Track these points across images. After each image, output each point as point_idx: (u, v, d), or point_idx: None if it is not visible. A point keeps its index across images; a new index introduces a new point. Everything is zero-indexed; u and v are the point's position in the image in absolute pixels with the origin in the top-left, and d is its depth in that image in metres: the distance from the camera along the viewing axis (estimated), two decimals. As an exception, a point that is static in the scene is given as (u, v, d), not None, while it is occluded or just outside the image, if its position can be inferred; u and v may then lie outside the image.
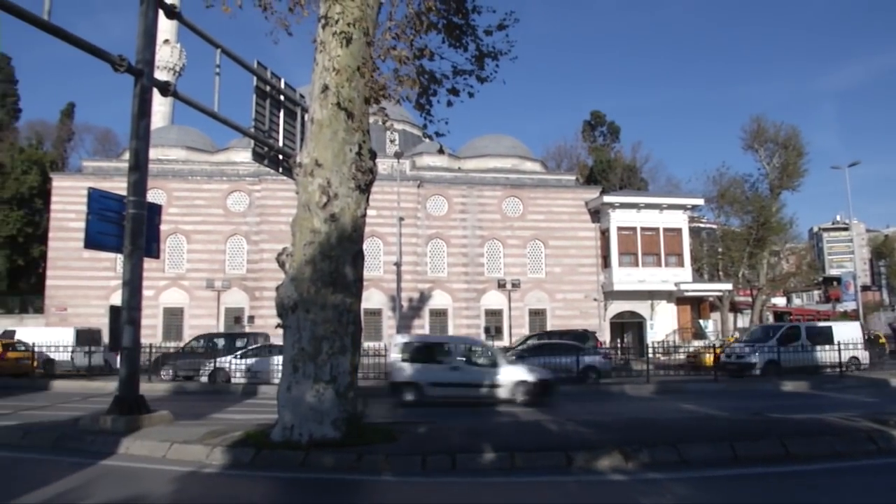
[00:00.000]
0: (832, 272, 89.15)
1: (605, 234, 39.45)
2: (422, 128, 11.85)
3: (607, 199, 39.49)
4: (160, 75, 46.25)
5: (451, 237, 39.34)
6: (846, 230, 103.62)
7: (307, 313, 9.40)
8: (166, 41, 58.06)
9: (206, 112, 13.23)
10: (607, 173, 54.56)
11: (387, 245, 37.21)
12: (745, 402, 17.66)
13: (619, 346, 36.38)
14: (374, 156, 10.34)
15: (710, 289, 42.25)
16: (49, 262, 36.66)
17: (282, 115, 14.96)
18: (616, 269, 38.41)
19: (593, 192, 41.76)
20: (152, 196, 18.25)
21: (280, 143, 14.82)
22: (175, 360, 25.37)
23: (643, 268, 38.57)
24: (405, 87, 10.02)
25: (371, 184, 10.25)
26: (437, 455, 8.66)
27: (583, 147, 64.69)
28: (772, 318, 48.79)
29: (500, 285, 38.51)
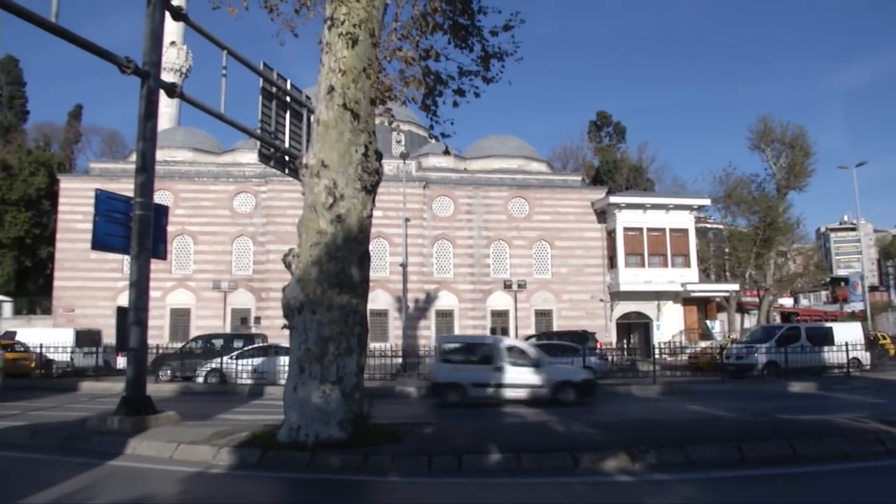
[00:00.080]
0: (840, 273, 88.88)
1: (611, 234, 39.39)
2: (428, 129, 11.87)
3: (613, 199, 39.43)
4: (167, 77, 46.47)
5: (457, 238, 39.33)
6: (854, 230, 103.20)
7: (313, 314, 9.41)
8: (173, 43, 58.26)
9: (213, 113, 13.28)
10: (613, 174, 54.48)
11: (393, 246, 37.24)
12: (752, 403, 17.62)
13: (625, 346, 36.33)
14: (379, 157, 10.34)
15: (716, 289, 42.14)
16: (56, 263, 36.83)
17: (288, 116, 15.00)
18: (622, 269, 38.35)
19: (599, 193, 41.69)
20: (159, 197, 18.31)
21: (286, 145, 14.85)
22: (173, 361, 25.51)
23: (649, 268, 38.49)
24: (411, 87, 10.01)
25: (377, 185, 10.25)
26: (444, 456, 8.66)
27: (589, 147, 64.68)
28: (779, 318, 48.62)
29: (507, 286, 38.48)
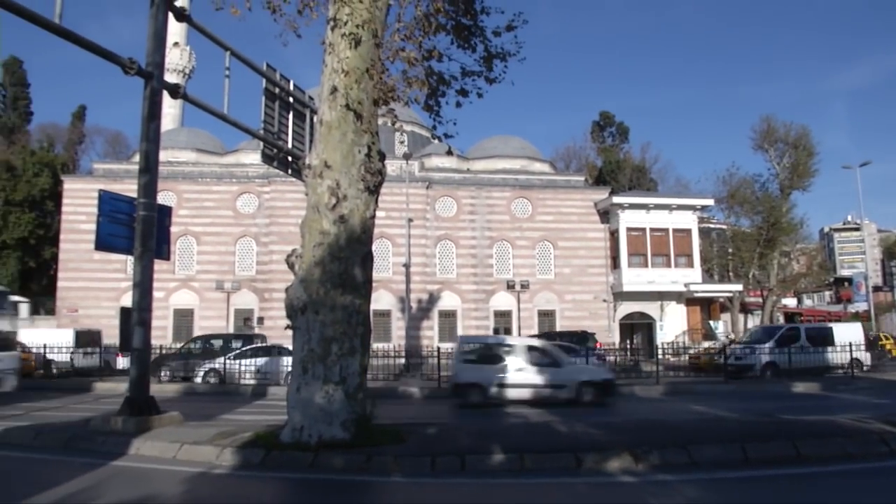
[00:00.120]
0: (843, 273, 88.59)
1: (614, 234, 39.34)
2: (431, 129, 11.87)
3: (616, 199, 39.37)
4: (170, 78, 46.62)
5: (460, 238, 39.32)
6: (857, 230, 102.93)
7: (316, 314, 9.42)
8: (176, 44, 58.37)
9: (216, 114, 13.31)
10: (616, 174, 54.39)
11: (396, 246, 37.24)
12: (755, 403, 17.60)
13: (628, 347, 36.28)
14: (382, 157, 10.35)
15: (720, 290, 42.06)
16: (60, 263, 36.89)
17: (291, 116, 15.02)
18: (625, 269, 38.29)
19: (602, 193, 41.65)
20: (162, 198, 18.35)
21: (289, 145, 14.87)
22: (172, 362, 25.59)
23: (653, 269, 38.42)
24: (414, 88, 10.01)
25: (380, 185, 10.27)
26: (447, 456, 8.66)
27: (592, 148, 64.57)
28: (782, 318, 48.50)
29: (510, 286, 38.46)
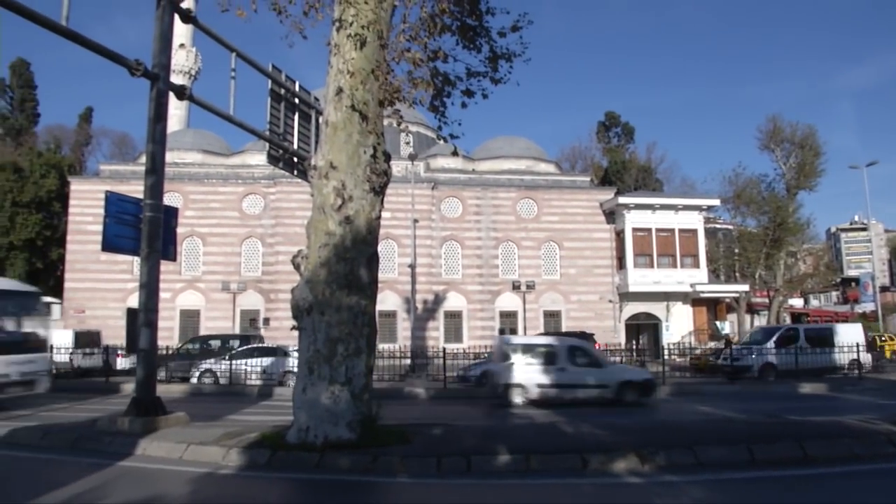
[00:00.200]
0: (850, 273, 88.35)
1: (619, 235, 39.29)
2: (436, 130, 11.86)
3: (622, 200, 39.33)
4: (176, 79, 46.70)
5: (466, 239, 39.33)
6: (864, 230, 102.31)
7: (322, 315, 9.43)
8: (182, 45, 58.60)
9: (222, 115, 13.34)
10: (622, 174, 54.28)
11: (401, 247, 37.27)
12: (762, 404, 17.54)
13: (634, 347, 36.19)
14: (388, 158, 10.36)
15: (726, 290, 41.93)
16: (67, 264, 37.07)
17: (296, 117, 15.05)
18: (631, 270, 38.25)
19: (608, 193, 41.59)
20: (169, 199, 18.35)
21: (295, 146, 14.91)
22: (170, 362, 25.65)
23: (658, 269, 38.37)
24: (419, 89, 10.02)
25: (386, 186, 10.27)
26: (453, 457, 8.66)
27: (597, 148, 64.52)
28: (789, 319, 48.32)
29: (515, 287, 38.43)
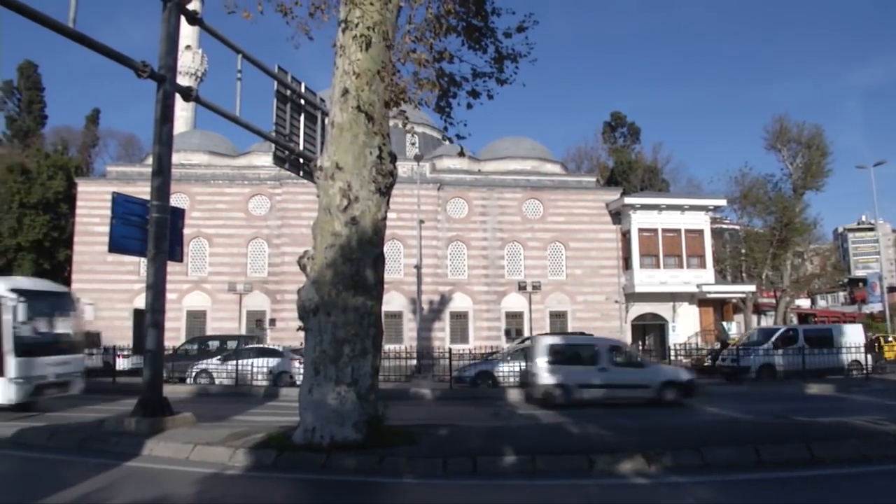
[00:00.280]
0: (858, 273, 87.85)
1: (626, 235, 39.19)
2: (442, 130, 11.91)
3: (628, 200, 39.20)
4: (182, 81, 46.69)
5: (472, 240, 39.29)
6: (872, 230, 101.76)
7: (328, 316, 9.44)
8: (188, 47, 58.66)
9: (228, 116, 13.38)
10: (628, 174, 54.13)
11: (407, 248, 37.27)
12: (769, 404, 17.49)
13: (640, 348, 36.11)
14: (394, 159, 10.37)
15: (733, 290, 41.77)
16: (74, 265, 37.17)
17: (302, 118, 15.07)
18: (637, 270, 38.12)
19: (614, 194, 41.48)
20: (175, 200, 18.44)
21: (301, 147, 14.92)
22: (168, 363, 25.70)
23: (665, 269, 38.23)
24: (425, 90, 10.04)
25: (391, 187, 10.28)
26: (459, 458, 8.66)
27: (603, 148, 64.34)
28: (796, 319, 48.16)
29: (521, 288, 38.38)
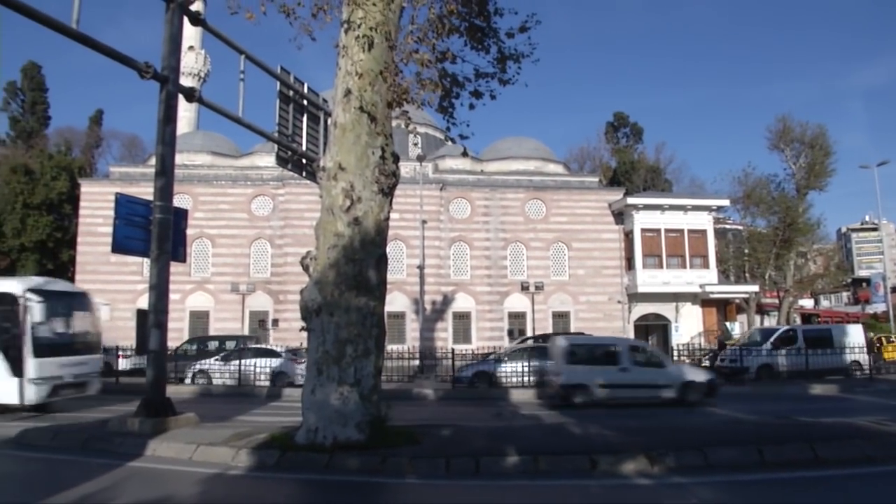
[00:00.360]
0: (861, 273, 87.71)
1: (628, 235, 39.16)
2: (444, 131, 11.88)
3: (631, 200, 39.17)
4: (185, 81, 46.69)
5: (474, 240, 39.30)
6: (875, 230, 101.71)
7: (331, 316, 9.45)
8: (191, 48, 58.78)
9: (231, 117, 13.40)
10: (631, 175, 54.08)
11: (410, 248, 37.27)
12: (773, 405, 17.46)
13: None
14: (396, 159, 10.37)
15: (736, 290, 41.71)
16: (78, 266, 37.24)
17: (305, 119, 15.10)
18: (640, 271, 38.10)
19: (617, 194, 41.45)
20: (178, 201, 18.48)
21: (303, 148, 14.95)
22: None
23: (667, 270, 38.19)
24: (427, 90, 10.02)
25: (394, 187, 10.29)
26: (461, 458, 8.66)
27: (606, 148, 64.26)
28: (799, 319, 48.08)
29: (524, 288, 38.37)
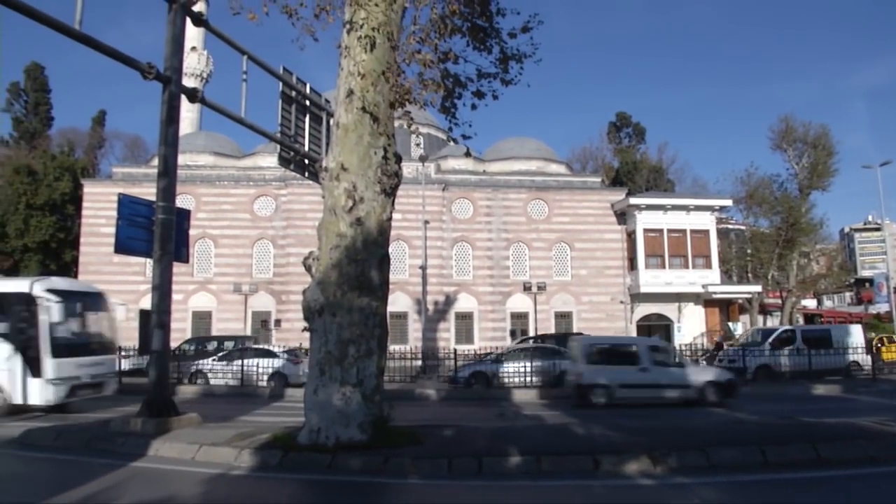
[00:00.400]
0: (864, 273, 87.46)
1: (631, 235, 39.14)
2: (447, 131, 11.87)
3: (633, 200, 39.16)
4: (188, 82, 46.84)
5: (477, 240, 39.30)
6: (878, 230, 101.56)
7: (333, 317, 9.45)
8: (193, 48, 58.92)
9: (233, 118, 13.40)
10: (633, 175, 54.00)
11: (412, 248, 37.30)
12: (776, 405, 17.42)
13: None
14: (399, 159, 10.37)
15: (738, 291, 41.69)
16: (81, 266, 37.31)
17: (307, 119, 15.10)
18: (642, 271, 38.09)
19: (619, 194, 41.43)
20: (181, 201, 18.47)
21: (306, 148, 14.95)
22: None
23: (670, 270, 38.18)
24: (430, 90, 10.02)
25: (396, 187, 10.28)
26: (464, 458, 8.66)
27: (608, 148, 64.19)
28: (802, 320, 48.03)
29: (526, 288, 38.33)
